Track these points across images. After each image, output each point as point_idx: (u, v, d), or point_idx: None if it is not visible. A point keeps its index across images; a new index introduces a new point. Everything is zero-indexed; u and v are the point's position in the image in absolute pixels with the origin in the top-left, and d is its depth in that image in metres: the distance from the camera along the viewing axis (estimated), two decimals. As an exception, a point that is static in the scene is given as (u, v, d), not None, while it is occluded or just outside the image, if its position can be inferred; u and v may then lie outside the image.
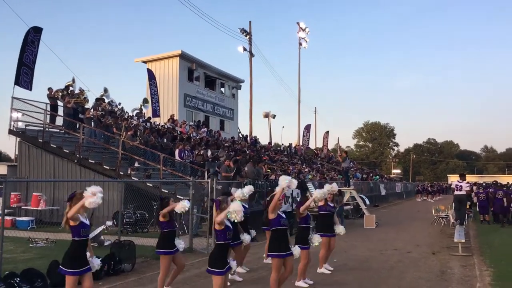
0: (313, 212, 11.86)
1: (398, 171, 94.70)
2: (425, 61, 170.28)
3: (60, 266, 5.77)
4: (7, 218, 15.91)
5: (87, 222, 5.89)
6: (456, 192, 16.87)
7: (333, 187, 9.34)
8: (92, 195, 5.55)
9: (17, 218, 15.95)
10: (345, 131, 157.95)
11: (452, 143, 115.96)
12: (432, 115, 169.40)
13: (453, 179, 56.87)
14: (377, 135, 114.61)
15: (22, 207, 16.96)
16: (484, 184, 31.29)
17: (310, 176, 25.95)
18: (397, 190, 47.30)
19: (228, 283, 8.40)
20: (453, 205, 17.56)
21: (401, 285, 8.47)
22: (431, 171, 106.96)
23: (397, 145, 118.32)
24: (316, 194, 8.51)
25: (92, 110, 19.15)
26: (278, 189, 7.12)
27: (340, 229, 9.88)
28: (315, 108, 62.67)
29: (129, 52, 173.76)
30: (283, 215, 7.38)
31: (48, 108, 19.22)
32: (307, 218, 8.38)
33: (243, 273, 9.40)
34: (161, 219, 7.46)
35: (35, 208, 16.40)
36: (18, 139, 18.66)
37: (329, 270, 9.69)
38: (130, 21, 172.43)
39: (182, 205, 7.36)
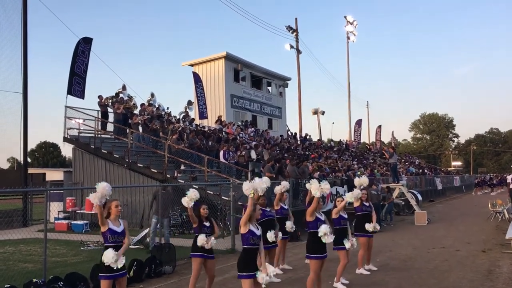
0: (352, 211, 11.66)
1: (459, 163, 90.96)
2: (484, 47, 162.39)
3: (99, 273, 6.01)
4: (63, 222, 16.84)
5: (118, 228, 6.01)
6: (511, 186, 16.17)
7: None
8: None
9: (73, 222, 16.77)
10: (401, 124, 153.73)
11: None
12: (494, 103, 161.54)
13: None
14: (435, 126, 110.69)
15: (77, 211, 17.81)
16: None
17: (359, 173, 25.48)
18: (455, 183, 45.52)
19: (264, 286, 8.48)
20: (509, 200, 16.80)
21: (442, 286, 8.18)
22: (495, 163, 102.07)
23: (457, 136, 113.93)
24: (349, 197, 8.36)
25: (138, 116, 19.74)
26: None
27: (370, 226, 9.57)
28: (367, 102, 61.60)
29: (176, 57, 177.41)
30: (322, 218, 7.35)
31: (99, 115, 20.04)
32: (340, 219, 8.31)
33: (281, 274, 9.42)
34: (193, 225, 7.55)
35: (89, 212, 17.16)
36: (72, 146, 19.59)
37: (370, 271, 9.54)
38: (176, 27, 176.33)
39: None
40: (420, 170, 39.87)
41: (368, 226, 9.48)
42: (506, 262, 10.24)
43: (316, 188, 6.88)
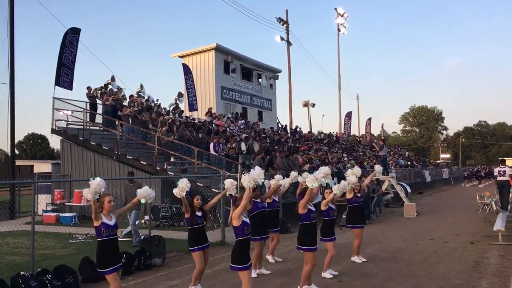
0: (343, 203, 11.70)
1: (447, 156, 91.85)
2: (473, 41, 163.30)
3: (97, 269, 5.98)
4: (51, 214, 16.70)
5: (111, 222, 6.00)
6: (499, 178, 16.37)
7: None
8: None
9: (61, 214, 16.64)
10: (390, 116, 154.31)
11: (505, 124, 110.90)
12: (482, 96, 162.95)
13: (507, 162, 54.27)
14: (424, 119, 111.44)
15: (66, 204, 17.67)
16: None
17: (349, 165, 25.54)
18: (444, 176, 45.90)
19: (255, 275, 8.49)
20: (497, 192, 17.02)
21: (431, 277, 8.23)
22: (483, 155, 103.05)
23: (446, 129, 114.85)
24: (336, 189, 8.27)
25: (128, 108, 19.56)
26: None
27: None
28: (357, 94, 61.83)
29: (167, 49, 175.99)
30: (314, 209, 7.41)
31: (88, 107, 19.84)
32: (329, 210, 8.36)
33: (270, 266, 9.43)
34: (185, 215, 7.53)
35: (77, 204, 17.02)
36: (60, 137, 19.39)
37: (361, 261, 9.62)
38: (166, 18, 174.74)
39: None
40: (409, 163, 40.10)
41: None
42: (493, 253, 10.33)
43: (312, 179, 6.88)
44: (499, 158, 18.44)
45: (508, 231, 12.43)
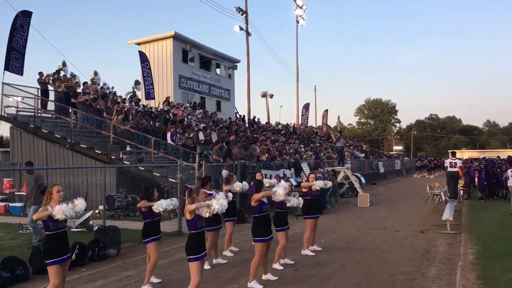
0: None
1: (400, 147, 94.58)
2: (427, 36, 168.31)
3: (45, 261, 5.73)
4: (0, 204, 16.07)
5: None
6: (449, 169, 16.99)
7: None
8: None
9: (10, 204, 16.04)
10: (346, 108, 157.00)
11: (454, 118, 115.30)
12: (434, 90, 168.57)
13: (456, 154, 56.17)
14: (379, 112, 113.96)
15: (15, 193, 17.04)
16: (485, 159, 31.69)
17: (305, 156, 25.90)
18: (397, 167, 47.26)
19: (209, 267, 8.48)
20: (447, 182, 17.68)
21: (383, 265, 8.48)
22: (433, 147, 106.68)
23: (399, 121, 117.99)
24: (279, 192, 8.03)
25: (83, 95, 18.98)
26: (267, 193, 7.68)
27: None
28: (315, 86, 62.53)
29: (122, 35, 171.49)
30: (266, 201, 7.54)
31: (39, 93, 19.14)
32: (282, 203, 8.26)
33: (227, 256, 9.46)
34: (142, 209, 7.36)
35: (28, 194, 16.42)
36: (10, 125, 18.64)
37: (315, 251, 9.71)
38: (122, 2, 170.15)
39: (159, 204, 7.08)
40: (363, 154, 41.05)
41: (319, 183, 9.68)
42: (442, 242, 10.75)
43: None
44: (450, 151, 19.27)
45: (456, 220, 13.05)
